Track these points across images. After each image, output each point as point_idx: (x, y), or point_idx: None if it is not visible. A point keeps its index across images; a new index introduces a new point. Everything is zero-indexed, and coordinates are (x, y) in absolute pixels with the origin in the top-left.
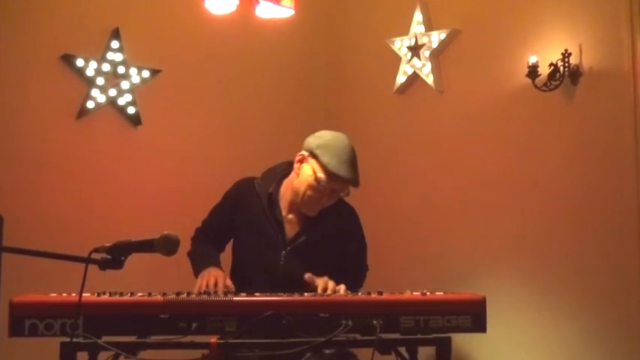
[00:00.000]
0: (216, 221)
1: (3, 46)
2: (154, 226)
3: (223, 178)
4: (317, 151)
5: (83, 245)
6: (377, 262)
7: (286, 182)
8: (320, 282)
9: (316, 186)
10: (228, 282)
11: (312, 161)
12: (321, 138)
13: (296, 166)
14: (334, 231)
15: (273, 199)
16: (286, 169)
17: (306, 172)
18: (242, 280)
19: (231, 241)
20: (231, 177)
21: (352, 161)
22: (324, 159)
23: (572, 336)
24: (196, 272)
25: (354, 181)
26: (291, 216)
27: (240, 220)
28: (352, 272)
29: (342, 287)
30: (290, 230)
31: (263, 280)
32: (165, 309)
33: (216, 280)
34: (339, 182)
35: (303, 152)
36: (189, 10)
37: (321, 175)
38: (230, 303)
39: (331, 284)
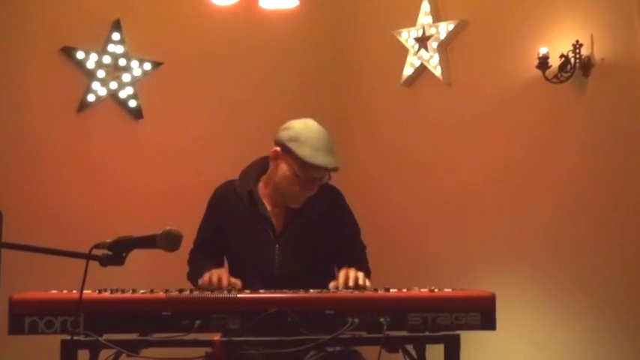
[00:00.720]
0: (205, 234)
1: (2, 38)
2: (155, 221)
3: (226, 172)
4: (289, 145)
5: (84, 241)
6: (384, 258)
7: (264, 178)
8: (340, 277)
9: (296, 180)
10: (234, 280)
11: (286, 156)
12: (291, 129)
13: (272, 163)
14: (323, 216)
15: (254, 196)
16: (263, 164)
17: (283, 168)
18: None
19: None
20: (234, 171)
21: (326, 147)
22: (299, 152)
23: (583, 334)
24: (195, 285)
25: (332, 167)
26: (276, 210)
27: (227, 225)
28: (356, 254)
29: (360, 274)
30: (278, 224)
31: (259, 278)
32: (168, 306)
33: (219, 276)
34: (317, 171)
35: (277, 148)
36: (192, 1)
37: (297, 168)
38: (234, 300)
39: (352, 273)
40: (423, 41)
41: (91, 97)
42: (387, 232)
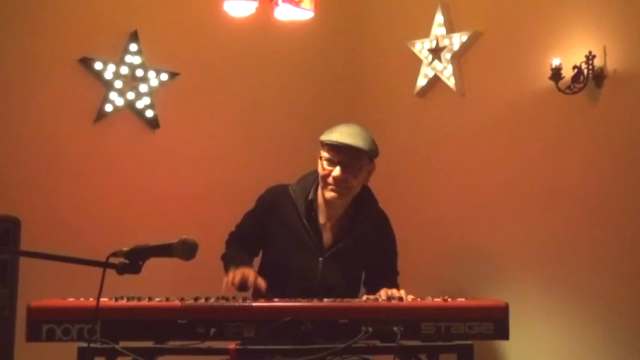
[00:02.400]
0: (248, 226)
1: (21, 49)
2: (172, 230)
3: (242, 181)
4: (322, 137)
5: (101, 249)
6: (399, 268)
7: (321, 188)
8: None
9: (322, 164)
10: (260, 281)
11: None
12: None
13: (319, 164)
14: (369, 237)
15: (312, 206)
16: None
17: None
18: (274, 286)
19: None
20: (251, 180)
21: (351, 132)
22: (323, 137)
23: (596, 343)
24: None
25: (344, 143)
26: (328, 223)
27: (274, 227)
28: (390, 278)
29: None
30: (327, 237)
31: (299, 286)
32: (183, 314)
33: (242, 276)
34: (334, 150)
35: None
36: (208, 13)
37: (321, 151)
38: (249, 308)
39: (389, 293)
40: (436, 52)
41: (108, 107)
42: (400, 240)
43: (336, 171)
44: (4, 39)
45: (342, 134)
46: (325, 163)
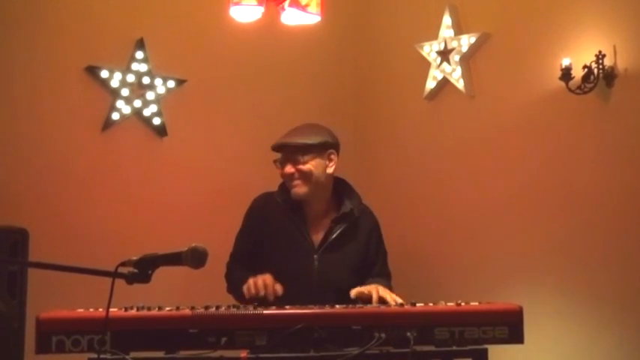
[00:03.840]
0: (243, 244)
1: (26, 58)
2: (181, 238)
3: (251, 189)
4: None
5: (109, 259)
6: (409, 272)
7: None
8: (372, 291)
9: (277, 168)
10: (278, 286)
11: None
12: None
13: None
14: (361, 236)
15: (295, 206)
16: None
17: None
18: None
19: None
20: (259, 187)
21: (292, 132)
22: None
23: (612, 347)
24: (243, 290)
25: (284, 143)
26: (315, 220)
27: (267, 234)
28: (384, 277)
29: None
30: (317, 235)
31: (297, 286)
32: (194, 323)
33: (264, 280)
34: (278, 150)
35: None
36: (214, 19)
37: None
38: (260, 316)
39: (382, 291)
40: (445, 54)
41: (115, 116)
42: (409, 246)
43: (287, 168)
44: (9, 48)
45: (284, 136)
46: (278, 165)
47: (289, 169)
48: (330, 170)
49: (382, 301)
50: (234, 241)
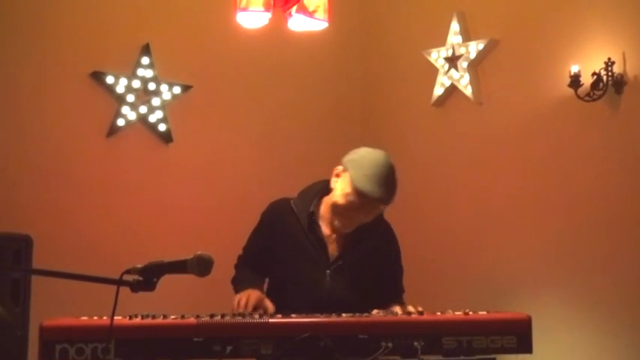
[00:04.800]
0: (254, 245)
1: (31, 64)
2: (186, 245)
3: (257, 195)
4: (348, 165)
5: (114, 266)
6: (416, 281)
7: (325, 200)
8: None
9: (344, 201)
10: (268, 302)
11: (344, 175)
12: (356, 153)
13: (332, 180)
14: (375, 249)
15: (314, 219)
16: (324, 187)
17: (339, 187)
18: (281, 302)
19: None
20: (266, 194)
21: (382, 177)
22: (352, 172)
23: (621, 354)
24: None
25: (379, 198)
26: (333, 235)
27: (278, 241)
28: (397, 294)
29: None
30: (333, 249)
31: (306, 300)
32: (199, 332)
33: (247, 299)
34: (363, 198)
35: (339, 167)
36: (220, 25)
37: (348, 189)
38: (266, 325)
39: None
40: (453, 61)
41: (120, 122)
42: (417, 254)
43: (361, 216)
44: (15, 53)
45: (376, 183)
46: (348, 202)
47: (365, 217)
48: None
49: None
50: (248, 237)
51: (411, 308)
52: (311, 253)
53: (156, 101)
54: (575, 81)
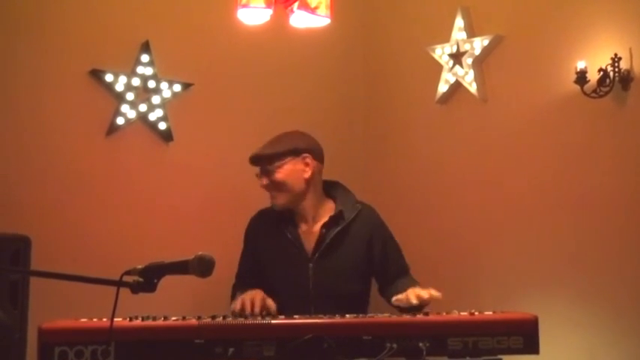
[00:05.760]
0: (246, 264)
1: (30, 61)
2: (187, 245)
3: (259, 195)
4: None
5: (114, 267)
6: (420, 280)
7: None
8: (409, 295)
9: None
10: (270, 302)
11: None
12: None
13: None
14: (359, 234)
15: (287, 218)
16: None
17: None
18: (274, 302)
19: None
20: (267, 193)
21: (263, 144)
22: None
23: (629, 355)
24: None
25: (254, 155)
26: (306, 229)
27: (263, 250)
28: (402, 272)
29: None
30: (310, 242)
31: (294, 296)
32: (201, 333)
33: (252, 300)
34: (252, 164)
35: None
36: (221, 22)
37: None
38: (268, 326)
39: (418, 291)
40: (457, 57)
41: (120, 120)
42: (420, 251)
43: (262, 180)
44: (12, 51)
45: (256, 149)
46: (257, 178)
47: (264, 181)
48: (306, 175)
49: (421, 299)
50: (238, 262)
51: (421, 293)
52: (291, 251)
53: (156, 99)
54: (581, 77)
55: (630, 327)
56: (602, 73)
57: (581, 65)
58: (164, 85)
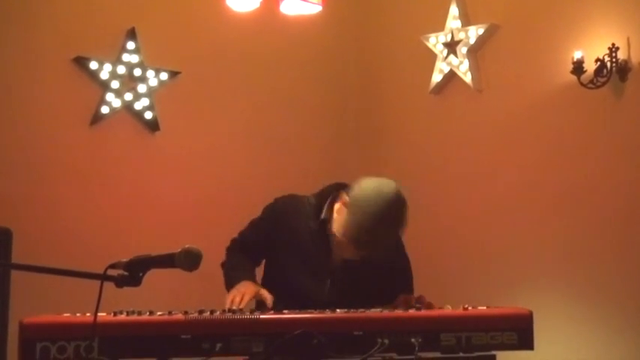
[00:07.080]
0: (252, 235)
1: (12, 48)
2: (173, 237)
3: (248, 185)
4: (350, 205)
5: (98, 260)
6: (414, 274)
7: (337, 208)
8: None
9: (339, 239)
10: (265, 293)
11: (345, 212)
12: (361, 190)
13: (338, 205)
14: (383, 260)
15: (324, 226)
16: (336, 194)
17: (340, 220)
18: (276, 304)
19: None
20: (257, 184)
21: (376, 231)
22: (350, 218)
23: (624, 351)
24: (227, 286)
25: (364, 256)
26: (339, 244)
27: (280, 240)
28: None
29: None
30: (337, 258)
31: (303, 307)
32: (187, 329)
33: (242, 296)
34: (353, 247)
35: (345, 197)
36: (210, 8)
37: (343, 232)
38: (257, 321)
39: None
40: (452, 46)
41: (105, 109)
42: (413, 245)
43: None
44: None
45: (369, 236)
46: (341, 242)
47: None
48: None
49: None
50: (248, 224)
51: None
52: (313, 260)
53: (142, 88)
54: (578, 67)
55: (625, 321)
56: (599, 63)
57: (577, 55)
58: (150, 74)
